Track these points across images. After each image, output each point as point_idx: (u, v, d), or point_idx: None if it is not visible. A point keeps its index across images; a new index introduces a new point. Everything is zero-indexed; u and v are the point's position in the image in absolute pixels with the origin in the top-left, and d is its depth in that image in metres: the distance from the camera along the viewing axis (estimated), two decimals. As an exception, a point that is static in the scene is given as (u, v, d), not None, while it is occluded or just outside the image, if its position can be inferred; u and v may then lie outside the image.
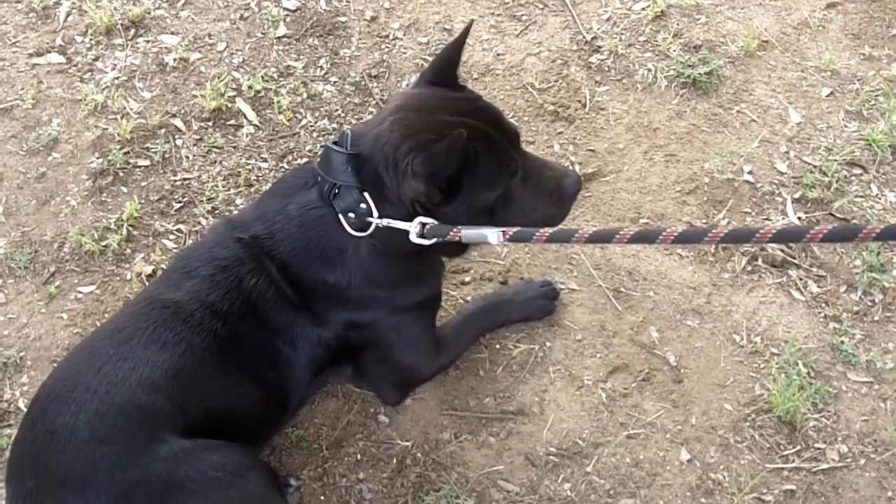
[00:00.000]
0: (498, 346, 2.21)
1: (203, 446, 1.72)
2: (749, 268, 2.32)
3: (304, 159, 2.49)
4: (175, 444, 1.70)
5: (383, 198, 1.77)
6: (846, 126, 2.55)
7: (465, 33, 1.89)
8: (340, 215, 1.80)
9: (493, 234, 1.67)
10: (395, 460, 2.05)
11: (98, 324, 2.22)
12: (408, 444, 2.07)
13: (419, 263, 1.93)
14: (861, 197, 2.42)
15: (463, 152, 1.68)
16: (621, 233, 1.58)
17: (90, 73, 2.67)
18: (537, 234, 1.65)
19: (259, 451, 1.98)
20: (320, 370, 1.98)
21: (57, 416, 1.72)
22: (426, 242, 1.74)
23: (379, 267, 1.86)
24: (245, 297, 1.86)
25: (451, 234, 1.69)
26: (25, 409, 2.09)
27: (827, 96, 2.62)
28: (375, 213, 1.76)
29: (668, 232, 1.54)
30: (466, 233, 1.70)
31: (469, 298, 2.26)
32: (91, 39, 2.72)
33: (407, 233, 1.76)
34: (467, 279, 2.31)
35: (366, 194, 1.76)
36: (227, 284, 1.86)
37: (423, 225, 1.73)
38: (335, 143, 1.82)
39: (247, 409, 1.89)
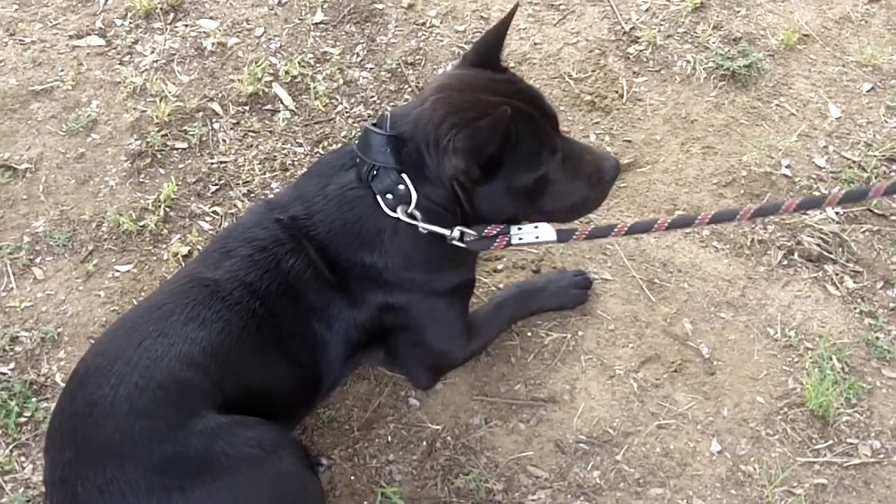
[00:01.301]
0: (530, 334, 2.27)
1: (239, 423, 1.79)
2: (785, 262, 2.36)
3: (340, 145, 2.58)
4: (212, 420, 1.77)
5: (423, 178, 1.84)
6: (886, 122, 2.59)
7: (510, 16, 1.96)
8: (378, 196, 1.87)
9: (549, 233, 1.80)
10: (425, 443, 2.12)
11: (135, 302, 2.31)
12: (438, 427, 2.14)
13: (456, 248, 1.97)
14: (900, 193, 2.47)
15: (505, 130, 1.75)
16: (658, 223, 1.66)
17: (129, 56, 2.77)
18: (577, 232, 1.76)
19: (292, 429, 2.06)
20: (354, 352, 2.05)
21: (97, 389, 1.80)
22: (462, 245, 1.84)
23: (417, 249, 1.92)
24: (283, 278, 1.93)
25: (497, 243, 1.80)
26: (64, 383, 2.18)
27: (868, 91, 2.66)
28: (413, 195, 1.83)
29: (702, 216, 1.62)
30: (516, 233, 1.82)
31: (502, 286, 2.32)
32: (130, 23, 2.83)
33: (446, 216, 1.85)
34: (500, 267, 2.38)
35: (404, 175, 1.84)
36: (266, 264, 1.93)
37: (462, 233, 1.83)
38: (374, 124, 1.90)
39: (281, 387, 1.96)
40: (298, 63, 2.72)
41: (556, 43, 2.78)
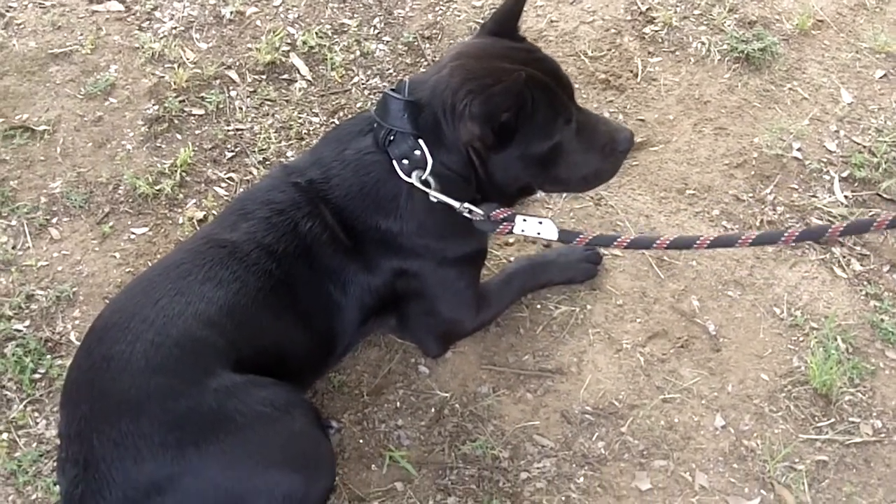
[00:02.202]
0: (539, 306, 2.30)
1: (252, 382, 1.82)
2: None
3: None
4: (226, 378, 1.79)
5: (439, 144, 1.87)
6: (898, 108, 2.61)
7: None
8: (394, 161, 1.90)
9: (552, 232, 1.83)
10: (433, 410, 2.15)
11: (150, 264, 2.31)
12: (446, 395, 2.16)
13: (467, 217, 2.00)
14: (910, 178, 2.49)
15: (519, 95, 1.79)
16: (700, 240, 1.71)
17: (148, 22, 2.79)
18: (581, 236, 1.83)
19: (304, 392, 2.08)
20: (367, 318, 2.07)
21: (114, 345, 1.82)
22: (476, 218, 1.86)
23: (430, 216, 1.95)
24: (300, 240, 1.95)
25: (501, 228, 1.83)
26: (79, 341, 2.22)
27: (880, 78, 2.67)
28: (429, 161, 1.86)
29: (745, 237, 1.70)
30: (520, 225, 1.84)
31: (512, 259, 2.34)
32: (150, -12, 2.87)
33: (460, 183, 1.88)
34: (511, 240, 2.39)
35: (420, 141, 1.86)
36: (283, 227, 1.95)
37: (471, 211, 1.86)
38: (393, 90, 1.92)
39: (295, 350, 1.98)
40: (316, 34, 2.73)
41: (573, 21, 2.79)
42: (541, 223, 1.91)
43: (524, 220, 1.92)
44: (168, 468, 1.69)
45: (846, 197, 2.44)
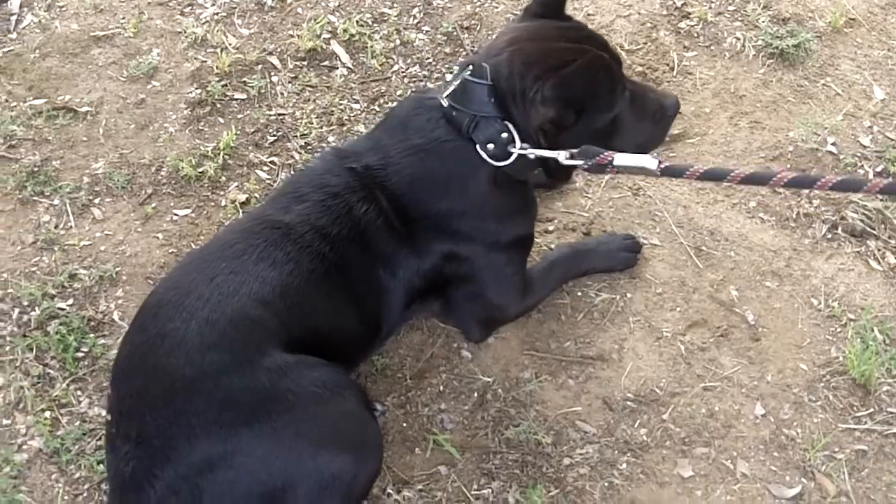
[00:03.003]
0: (580, 294, 2.23)
1: (304, 362, 1.77)
2: (829, 235, 2.33)
3: (396, 103, 2.52)
4: (279, 358, 1.74)
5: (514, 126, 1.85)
6: (931, 105, 2.57)
7: None
8: (479, 146, 1.85)
9: (650, 161, 1.74)
10: (476, 394, 2.09)
11: (193, 245, 2.27)
12: (489, 380, 2.10)
13: (525, 196, 2.00)
14: (943, 174, 2.44)
15: (590, 75, 1.77)
16: (776, 178, 1.65)
17: (190, 8, 2.72)
18: (689, 170, 1.74)
19: (350, 374, 2.03)
20: (413, 301, 2.01)
21: (168, 322, 1.76)
22: (580, 163, 1.81)
23: (493, 197, 1.92)
24: (354, 224, 1.90)
25: (601, 157, 1.77)
26: (122, 320, 2.16)
27: (912, 75, 2.64)
28: (518, 142, 1.83)
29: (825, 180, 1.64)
30: (620, 158, 1.77)
31: (553, 247, 2.28)
32: (191, -25, 2.80)
33: (529, 163, 1.85)
34: (551, 228, 2.34)
35: (507, 124, 1.83)
36: (338, 210, 1.90)
37: (572, 156, 1.81)
38: (472, 75, 1.86)
39: (344, 332, 1.93)
40: (356, 22, 2.67)
41: (609, 15, 2.73)
42: (638, 156, 1.85)
43: (623, 156, 1.85)
44: (221, 446, 1.64)
45: (881, 191, 2.40)
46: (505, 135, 1.86)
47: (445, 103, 1.92)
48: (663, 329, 2.18)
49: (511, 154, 1.87)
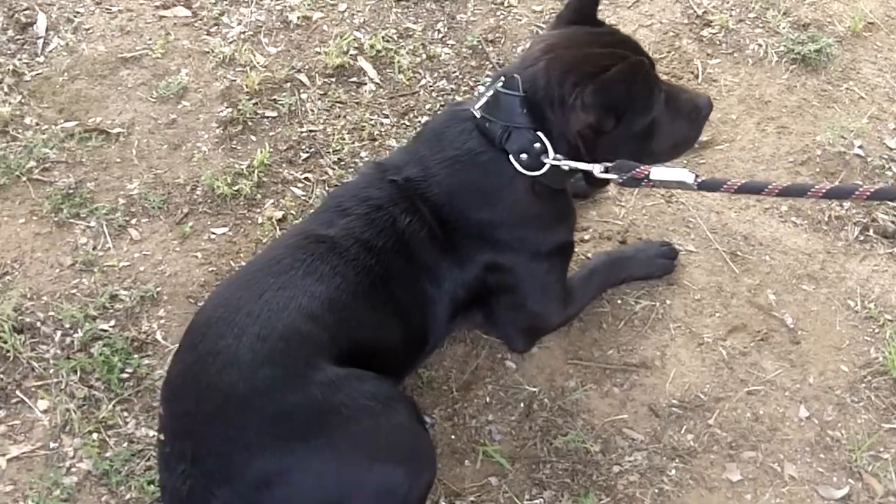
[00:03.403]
0: (619, 302, 2.23)
1: (355, 375, 1.75)
2: (861, 238, 2.33)
3: (426, 117, 2.52)
4: (330, 372, 1.73)
5: (548, 135, 1.83)
6: (953, 107, 2.59)
7: None
8: (511, 157, 1.85)
9: (687, 175, 1.74)
10: (522, 404, 2.08)
11: (233, 263, 2.26)
12: (535, 389, 2.09)
13: (565, 205, 2.00)
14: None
15: (631, 79, 1.78)
16: (813, 189, 1.65)
17: (216, 28, 2.71)
18: (726, 184, 1.73)
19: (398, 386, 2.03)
20: (456, 313, 2.00)
21: (219, 339, 1.74)
22: (614, 177, 1.81)
23: (532, 206, 1.91)
24: (398, 236, 1.89)
25: (637, 171, 1.76)
26: (165, 340, 2.14)
27: (933, 78, 2.65)
28: (551, 152, 1.82)
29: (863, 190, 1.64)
30: (657, 172, 1.76)
31: (589, 255, 2.28)
32: (216, -5, 2.80)
33: (565, 170, 1.84)
34: (586, 237, 2.33)
35: (539, 134, 1.82)
36: (382, 223, 1.89)
37: (607, 170, 1.81)
38: (504, 86, 1.86)
39: (390, 344, 1.91)
40: (382, 38, 2.66)
41: (631, 25, 2.73)
42: (674, 170, 1.85)
43: (660, 170, 1.85)
44: (277, 461, 1.63)
45: (910, 192, 2.42)
46: (537, 145, 1.86)
47: (478, 115, 1.92)
48: (704, 335, 2.18)
49: (544, 164, 1.87)
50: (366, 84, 2.60)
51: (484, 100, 1.91)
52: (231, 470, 1.64)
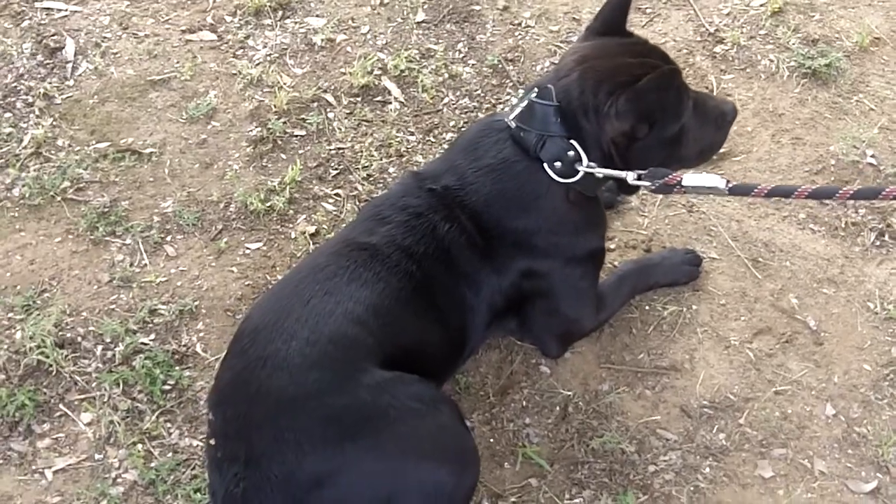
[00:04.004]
0: (647, 308, 2.36)
1: (401, 378, 1.85)
2: (878, 242, 2.47)
3: (450, 134, 2.66)
4: (377, 375, 1.83)
5: (582, 143, 1.95)
6: (959, 118, 2.74)
7: None
8: (546, 164, 1.96)
9: (719, 181, 1.86)
10: (558, 408, 2.19)
11: (269, 277, 2.37)
12: (569, 393, 2.21)
13: (597, 211, 2.12)
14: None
15: (664, 87, 1.91)
16: (841, 192, 1.79)
17: (242, 50, 2.86)
18: (757, 188, 1.86)
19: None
20: (493, 319, 2.11)
21: (269, 344, 1.84)
22: (647, 184, 1.92)
23: (567, 212, 2.03)
24: (439, 243, 2.00)
25: (669, 177, 1.88)
26: (205, 352, 2.25)
27: (939, 90, 2.82)
28: (585, 160, 1.94)
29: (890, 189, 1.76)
30: (689, 178, 1.88)
31: (616, 264, 2.40)
32: (240, 19, 2.93)
33: (601, 179, 1.97)
34: (612, 246, 2.46)
35: (573, 142, 1.94)
36: (423, 230, 2.00)
37: (640, 178, 1.93)
38: (538, 97, 1.98)
39: (432, 349, 2.02)
40: (405, 58, 2.81)
41: (646, 43, 2.91)
42: (706, 176, 1.95)
43: (691, 177, 1.96)
44: (328, 462, 1.72)
45: (923, 199, 2.56)
46: (571, 153, 1.97)
47: (513, 125, 2.04)
48: (730, 338, 2.31)
49: (578, 171, 1.98)
50: (391, 103, 2.75)
51: (518, 110, 2.03)
52: (284, 471, 1.72)
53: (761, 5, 2.98)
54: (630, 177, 1.96)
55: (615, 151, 1.98)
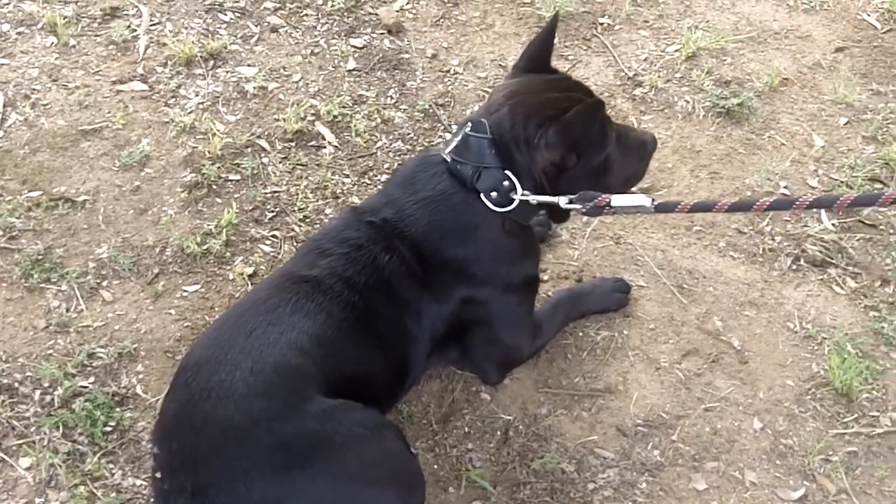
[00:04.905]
0: (581, 334, 2.55)
1: (345, 405, 1.98)
2: (794, 267, 2.73)
3: (385, 175, 2.86)
4: (322, 403, 1.95)
5: (516, 174, 2.13)
6: (864, 149, 3.03)
7: (554, 23, 2.30)
8: (482, 195, 2.13)
9: (645, 200, 2.08)
10: (499, 432, 2.35)
11: (207, 318, 2.50)
12: (510, 418, 2.38)
13: (531, 239, 2.31)
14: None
15: (590, 119, 2.11)
16: (759, 202, 2.03)
17: (174, 99, 3.02)
18: (680, 204, 2.08)
19: (383, 418, 2.26)
20: (434, 347, 2.27)
21: (212, 376, 1.95)
22: (578, 207, 2.12)
23: (504, 242, 2.20)
24: (379, 273, 2.15)
25: (599, 199, 2.08)
26: (145, 393, 2.35)
27: (845, 124, 3.11)
28: (519, 189, 2.12)
29: (802, 200, 2.03)
30: (617, 199, 2.09)
31: (549, 294, 2.60)
32: (171, 70, 3.09)
33: (532, 206, 2.15)
34: (545, 277, 2.66)
35: (508, 173, 2.12)
36: (363, 261, 2.15)
37: (571, 202, 2.12)
38: (472, 131, 2.17)
39: (374, 377, 2.16)
40: (338, 104, 3.01)
41: (569, 86, 3.16)
42: (632, 196, 2.16)
43: (619, 198, 2.15)
44: (277, 489, 1.83)
45: (833, 225, 2.81)
46: (507, 183, 2.14)
47: (449, 158, 2.21)
48: (661, 360, 2.52)
49: (513, 200, 2.16)
50: (325, 147, 2.93)
51: (454, 144, 2.21)
52: (232, 500, 1.82)
53: (676, 51, 3.30)
54: (562, 201, 2.15)
55: (546, 181, 2.16)
